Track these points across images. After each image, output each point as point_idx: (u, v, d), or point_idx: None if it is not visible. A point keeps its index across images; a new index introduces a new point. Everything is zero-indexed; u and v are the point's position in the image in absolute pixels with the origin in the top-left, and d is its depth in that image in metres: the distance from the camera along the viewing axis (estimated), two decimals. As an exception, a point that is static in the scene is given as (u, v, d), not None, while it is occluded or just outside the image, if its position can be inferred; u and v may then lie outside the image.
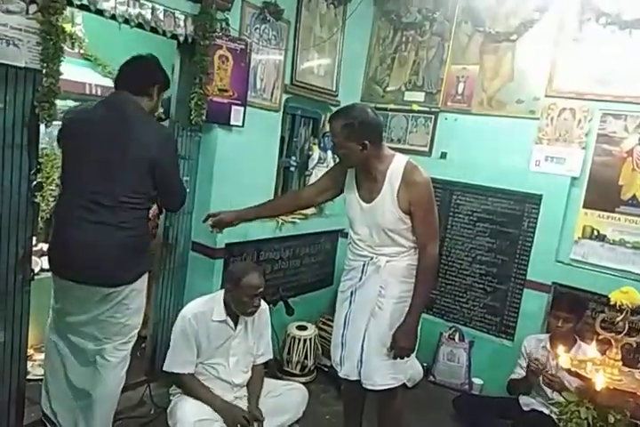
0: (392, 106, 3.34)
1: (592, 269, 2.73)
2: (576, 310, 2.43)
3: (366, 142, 1.79)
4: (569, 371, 1.63)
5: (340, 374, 2.02)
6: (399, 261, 1.89)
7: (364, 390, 1.99)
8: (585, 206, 2.76)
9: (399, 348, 1.86)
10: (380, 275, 1.89)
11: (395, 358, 1.88)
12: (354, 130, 1.79)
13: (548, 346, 2.47)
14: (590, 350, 2.12)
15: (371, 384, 1.93)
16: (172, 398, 2.20)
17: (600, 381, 1.49)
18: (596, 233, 2.74)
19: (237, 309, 2.16)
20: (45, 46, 1.78)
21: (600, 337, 1.70)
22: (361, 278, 1.94)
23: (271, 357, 2.41)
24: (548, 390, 2.41)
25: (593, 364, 1.62)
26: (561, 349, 1.75)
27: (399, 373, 1.95)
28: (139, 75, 1.94)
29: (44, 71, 1.79)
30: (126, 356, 1.99)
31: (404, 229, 1.87)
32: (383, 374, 1.91)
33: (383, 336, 1.89)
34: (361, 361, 1.92)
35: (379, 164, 1.86)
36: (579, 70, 2.73)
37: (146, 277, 2.00)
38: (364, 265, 1.93)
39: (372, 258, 1.91)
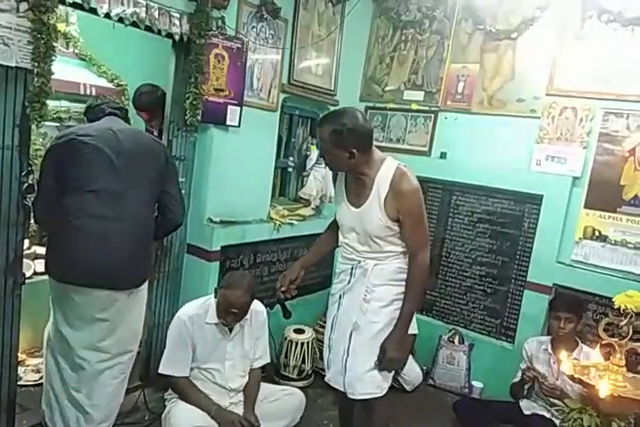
0: (391, 105, 3.31)
1: (593, 270, 2.70)
2: (576, 309, 2.40)
3: (354, 151, 1.71)
4: (572, 377, 1.59)
5: (326, 379, 1.94)
6: (388, 264, 1.82)
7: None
8: (586, 207, 2.72)
9: (389, 359, 1.76)
10: (368, 278, 1.82)
11: (383, 369, 1.78)
12: (342, 137, 1.70)
13: (550, 349, 2.43)
14: (594, 353, 2.08)
15: (351, 392, 1.84)
16: (166, 403, 2.16)
17: (604, 388, 1.45)
18: (597, 234, 2.71)
19: (217, 315, 2.13)
20: (36, 45, 1.75)
21: (604, 342, 1.66)
22: (349, 282, 1.88)
23: (268, 360, 2.37)
24: (550, 394, 2.38)
25: (596, 370, 1.58)
26: (564, 354, 1.71)
27: (384, 380, 1.84)
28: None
29: (35, 71, 1.75)
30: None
31: (392, 235, 1.80)
32: (366, 381, 1.81)
33: (367, 341, 1.80)
34: (345, 367, 1.84)
35: (367, 169, 1.78)
36: (580, 68, 2.70)
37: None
38: (352, 268, 1.87)
39: (359, 262, 1.85)
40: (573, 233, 2.76)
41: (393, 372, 1.87)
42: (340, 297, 1.91)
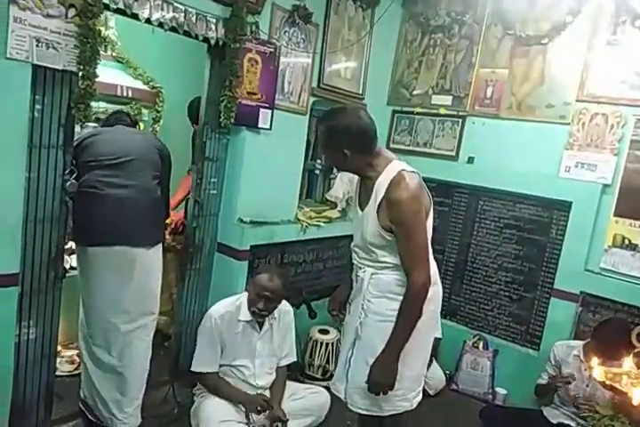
0: (419, 109, 3.32)
1: (623, 278, 2.66)
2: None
3: (346, 151, 1.64)
4: (603, 384, 1.58)
5: (329, 384, 1.92)
6: (385, 275, 1.70)
7: None
8: (616, 214, 2.69)
9: (372, 382, 1.66)
10: (366, 287, 1.72)
11: (369, 391, 1.68)
12: (334, 137, 1.65)
13: (582, 355, 2.40)
14: (626, 361, 2.06)
15: (350, 403, 1.79)
16: (195, 397, 2.22)
17: (637, 395, 1.44)
18: (627, 242, 2.67)
19: (248, 307, 2.19)
20: (82, 49, 1.81)
21: (636, 350, 1.64)
22: (354, 288, 1.82)
23: (295, 359, 2.41)
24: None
25: (628, 377, 1.57)
26: (595, 361, 1.70)
27: (383, 401, 1.72)
28: None
29: (80, 74, 1.82)
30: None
31: (386, 245, 1.67)
32: (363, 396, 1.73)
33: (366, 357, 1.70)
34: (347, 376, 1.78)
35: (371, 172, 1.69)
36: (612, 74, 2.67)
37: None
38: (356, 275, 1.80)
39: (360, 268, 1.77)
40: (602, 241, 2.73)
41: (393, 397, 1.72)
42: (349, 304, 1.86)
